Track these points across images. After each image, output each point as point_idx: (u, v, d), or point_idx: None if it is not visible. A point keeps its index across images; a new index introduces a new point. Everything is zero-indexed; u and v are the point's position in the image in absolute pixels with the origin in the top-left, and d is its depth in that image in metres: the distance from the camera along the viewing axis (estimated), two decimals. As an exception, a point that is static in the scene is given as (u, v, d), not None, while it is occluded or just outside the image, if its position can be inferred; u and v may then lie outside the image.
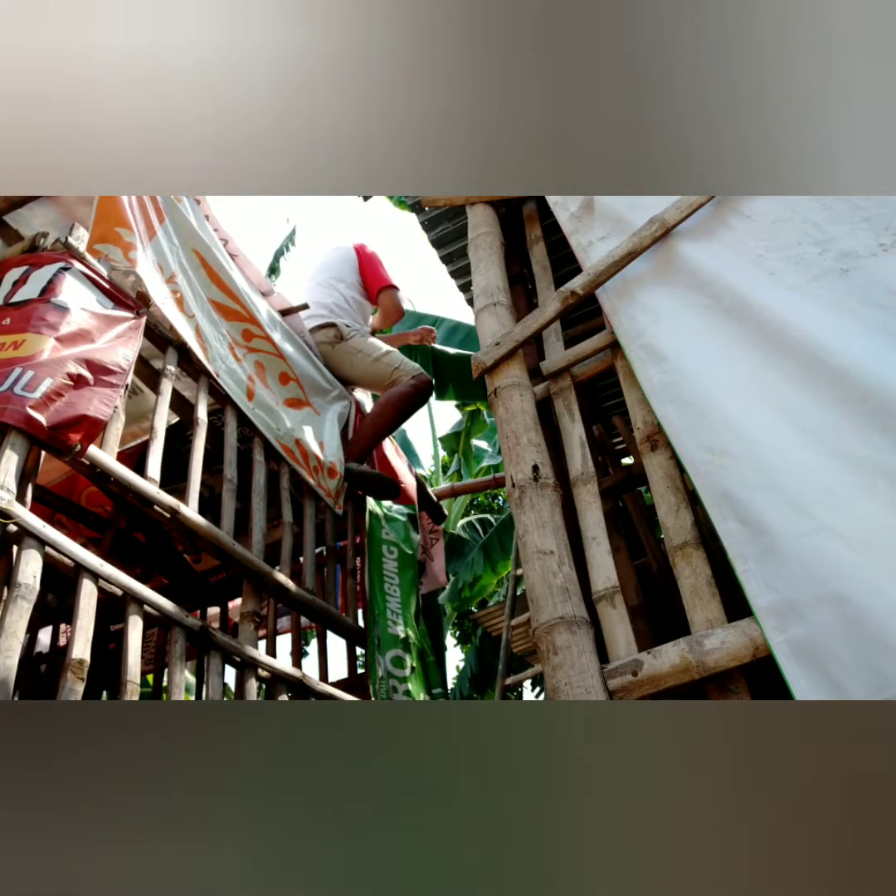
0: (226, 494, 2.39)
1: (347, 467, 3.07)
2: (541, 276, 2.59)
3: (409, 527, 3.42)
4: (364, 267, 3.67)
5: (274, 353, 2.92)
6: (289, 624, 3.99)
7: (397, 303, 3.67)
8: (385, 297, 3.65)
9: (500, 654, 3.03)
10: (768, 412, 1.58)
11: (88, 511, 3.14)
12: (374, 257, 3.72)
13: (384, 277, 3.67)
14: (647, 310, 1.94)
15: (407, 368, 3.34)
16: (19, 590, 1.52)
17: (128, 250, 2.17)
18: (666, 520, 1.68)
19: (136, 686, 1.79)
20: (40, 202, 2.39)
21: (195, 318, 2.46)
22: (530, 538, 1.76)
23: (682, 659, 1.44)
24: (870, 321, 1.58)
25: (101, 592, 1.80)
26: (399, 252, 60.38)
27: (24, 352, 1.72)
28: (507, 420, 2.00)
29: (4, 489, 1.55)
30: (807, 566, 1.36)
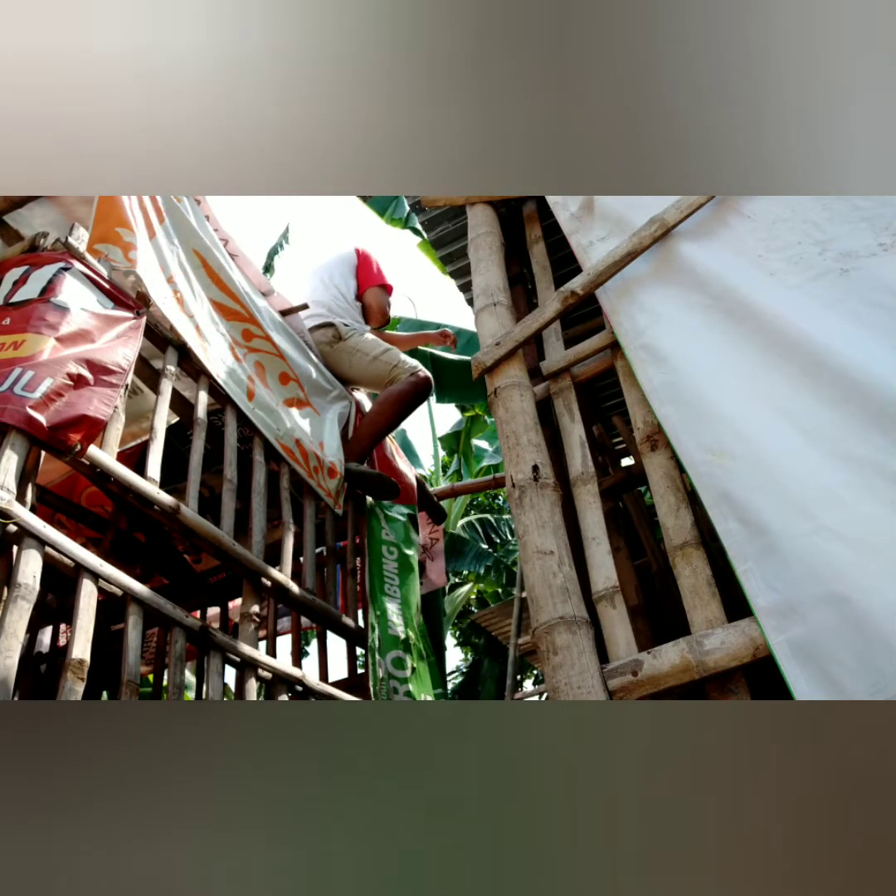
0: (226, 494, 2.39)
1: (347, 467, 3.07)
2: (541, 276, 2.59)
3: (409, 527, 3.42)
4: (359, 267, 3.68)
5: (274, 353, 2.92)
6: (289, 624, 3.99)
7: (381, 301, 3.63)
8: (369, 294, 3.63)
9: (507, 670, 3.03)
10: (768, 412, 1.58)
11: (88, 511, 3.14)
12: (371, 259, 3.72)
13: (374, 276, 3.66)
14: (646, 310, 1.94)
15: (406, 366, 3.33)
16: (19, 590, 1.52)
17: (128, 250, 2.17)
18: (666, 520, 1.68)
19: (136, 686, 1.79)
20: (40, 202, 2.39)
21: (195, 318, 2.46)
22: (530, 538, 1.76)
23: (682, 659, 1.44)
24: (870, 321, 1.58)
25: (101, 592, 1.80)
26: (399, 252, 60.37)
27: (24, 352, 1.72)
28: (507, 420, 2.00)
29: (4, 489, 1.55)
30: (807, 566, 1.36)
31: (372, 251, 3.78)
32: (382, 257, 3.84)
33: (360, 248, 3.76)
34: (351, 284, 3.62)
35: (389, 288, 3.70)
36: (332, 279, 3.61)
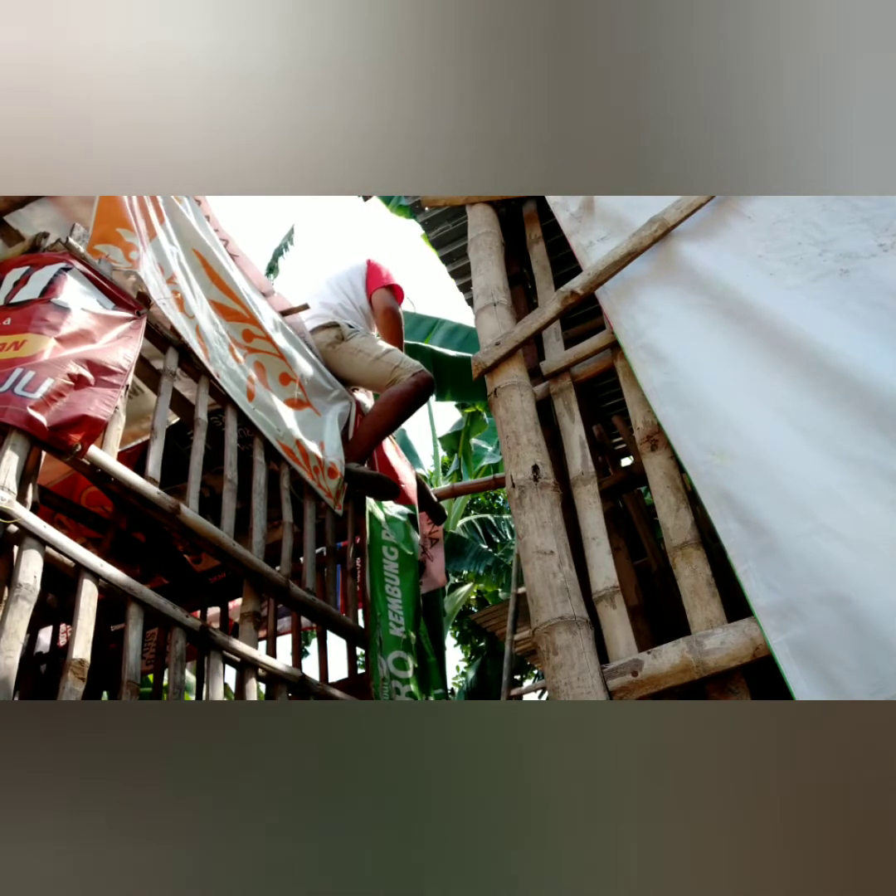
0: (226, 494, 2.39)
1: (347, 468, 3.07)
2: (541, 276, 2.59)
3: (409, 527, 3.42)
4: (369, 273, 3.71)
5: (274, 354, 2.92)
6: (289, 624, 3.99)
7: (388, 301, 3.65)
8: (376, 296, 3.66)
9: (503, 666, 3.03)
10: (768, 412, 1.58)
11: (88, 511, 3.14)
12: (381, 266, 3.76)
13: (382, 279, 3.69)
14: (646, 310, 1.94)
15: (407, 366, 3.33)
16: (20, 590, 1.52)
17: (128, 251, 2.17)
18: (666, 520, 1.68)
19: (136, 686, 1.79)
20: (41, 202, 2.39)
21: (195, 318, 2.46)
22: (530, 538, 1.76)
23: (682, 659, 1.44)
24: (870, 322, 1.58)
25: (101, 592, 1.80)
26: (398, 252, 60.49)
27: (24, 352, 1.72)
28: (507, 420, 2.00)
29: (5, 489, 1.55)
30: (807, 566, 1.36)
31: (383, 261, 3.81)
32: (394, 266, 3.87)
33: (372, 259, 3.80)
34: (360, 291, 3.66)
35: (397, 289, 3.71)
36: (341, 285, 3.66)
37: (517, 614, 3.22)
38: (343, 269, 3.77)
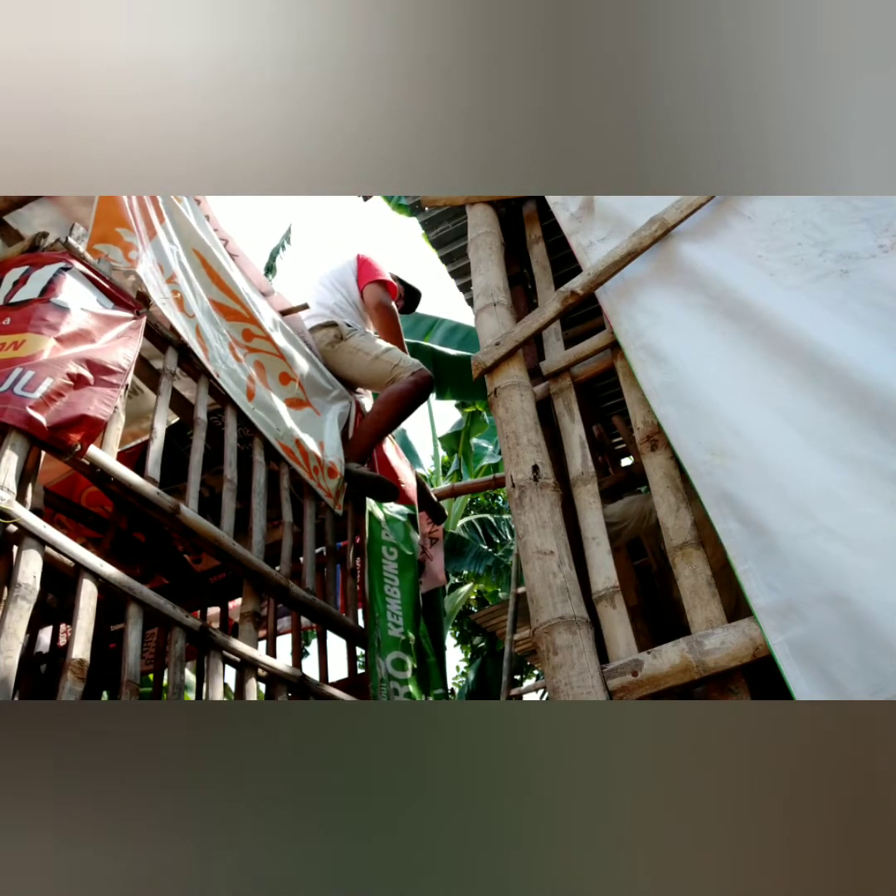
0: (226, 494, 2.39)
1: (347, 468, 3.07)
2: (541, 276, 2.59)
3: (408, 527, 3.42)
4: (359, 269, 3.71)
5: (274, 353, 2.92)
6: (289, 624, 3.99)
7: (378, 296, 3.64)
8: (366, 292, 3.64)
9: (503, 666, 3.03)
10: (768, 412, 1.58)
11: (88, 511, 3.14)
12: (371, 261, 3.75)
13: (372, 273, 3.68)
14: (646, 310, 1.94)
15: (406, 365, 3.33)
16: (19, 590, 1.52)
17: (128, 250, 2.17)
18: (666, 520, 1.68)
19: (136, 686, 1.79)
20: (40, 202, 2.39)
21: (195, 318, 2.46)
22: (530, 538, 1.76)
23: (682, 659, 1.44)
24: (870, 322, 1.58)
25: (101, 592, 1.80)
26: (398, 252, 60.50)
27: (24, 352, 1.72)
28: (507, 420, 2.00)
29: (4, 489, 1.55)
30: (806, 566, 1.36)
31: (374, 255, 3.80)
32: (385, 260, 3.86)
33: (361, 254, 3.79)
34: (353, 288, 3.66)
35: (389, 284, 3.70)
36: (335, 284, 3.65)
37: (517, 614, 3.22)
38: (336, 267, 3.76)
